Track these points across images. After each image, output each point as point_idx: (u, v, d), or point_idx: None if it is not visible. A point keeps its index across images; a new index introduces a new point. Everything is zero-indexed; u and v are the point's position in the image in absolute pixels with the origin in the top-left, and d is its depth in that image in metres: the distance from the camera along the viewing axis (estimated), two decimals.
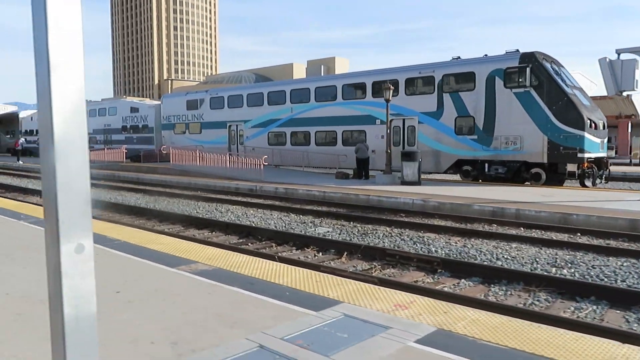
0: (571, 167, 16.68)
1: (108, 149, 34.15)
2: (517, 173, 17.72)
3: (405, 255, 7.74)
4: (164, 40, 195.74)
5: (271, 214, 12.77)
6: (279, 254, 8.23)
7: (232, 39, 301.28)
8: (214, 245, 8.22)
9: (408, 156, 16.42)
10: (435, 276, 6.99)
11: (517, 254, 8.10)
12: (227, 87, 29.12)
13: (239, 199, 15.65)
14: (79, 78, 1.04)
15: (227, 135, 28.38)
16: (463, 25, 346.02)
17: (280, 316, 3.77)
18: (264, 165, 19.20)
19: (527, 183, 17.60)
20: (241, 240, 9.63)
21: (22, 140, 34.15)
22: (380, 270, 7.35)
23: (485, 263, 7.54)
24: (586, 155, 16.37)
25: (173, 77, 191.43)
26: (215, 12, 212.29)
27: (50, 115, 1.02)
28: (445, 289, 6.27)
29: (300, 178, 19.56)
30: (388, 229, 10.44)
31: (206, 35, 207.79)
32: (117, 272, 5.12)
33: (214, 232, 10.44)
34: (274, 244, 9.24)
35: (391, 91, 17.49)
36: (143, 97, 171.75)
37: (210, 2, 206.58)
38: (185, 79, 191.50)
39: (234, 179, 19.23)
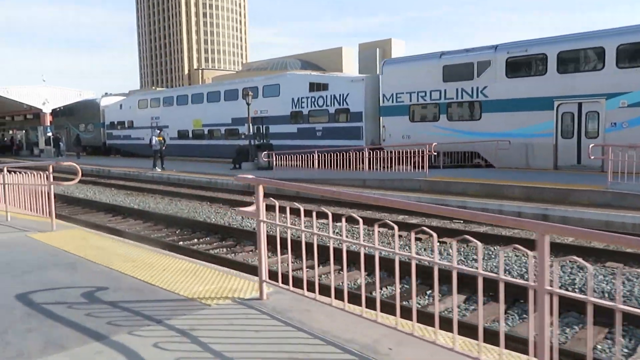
0: None
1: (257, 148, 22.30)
2: None
3: None
4: (194, 29, 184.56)
5: None
6: None
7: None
8: None
9: None
10: None
11: None
12: (543, 39, 16.91)
13: None
14: None
15: (555, 121, 16.27)
16: (480, 12, 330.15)
17: None
18: None
19: None
20: None
21: (155, 137, 21.99)
22: None
23: None
24: None
25: (203, 67, 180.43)
26: None
27: None
28: None
29: None
30: None
31: (236, 22, 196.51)
32: None
33: None
34: None
35: None
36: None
37: None
38: (216, 68, 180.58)
39: None
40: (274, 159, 17.74)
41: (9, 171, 8.07)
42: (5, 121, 45.39)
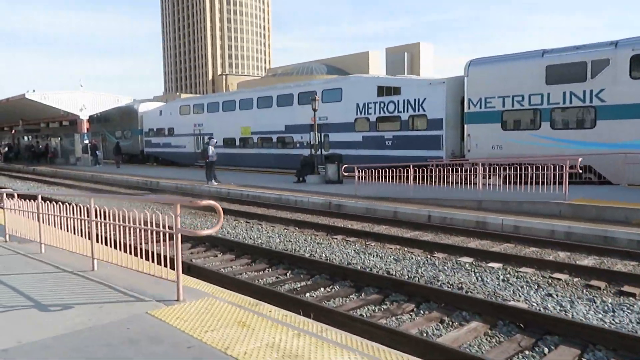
0: None
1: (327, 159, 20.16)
2: None
3: None
4: (218, 34, 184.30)
5: None
6: None
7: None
8: None
9: None
10: None
11: None
12: None
13: None
14: None
15: None
16: (500, 13, 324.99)
17: None
18: None
19: None
20: None
21: (211, 147, 19.63)
22: None
23: None
24: None
25: (227, 72, 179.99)
26: (268, 3, 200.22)
27: None
28: None
29: None
30: None
31: (259, 28, 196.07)
32: None
33: None
34: None
35: None
36: (196, 94, 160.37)
37: None
38: (240, 74, 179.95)
39: None
40: (356, 173, 15.42)
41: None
42: (40, 128, 44.14)
